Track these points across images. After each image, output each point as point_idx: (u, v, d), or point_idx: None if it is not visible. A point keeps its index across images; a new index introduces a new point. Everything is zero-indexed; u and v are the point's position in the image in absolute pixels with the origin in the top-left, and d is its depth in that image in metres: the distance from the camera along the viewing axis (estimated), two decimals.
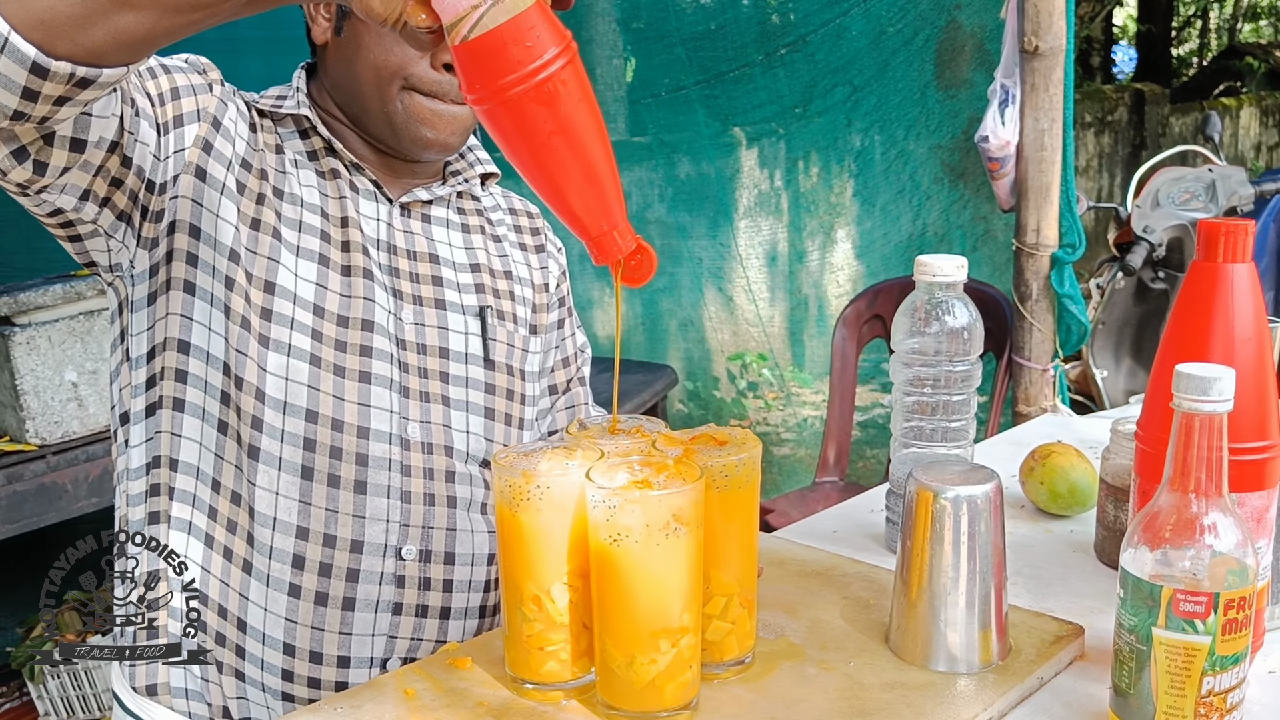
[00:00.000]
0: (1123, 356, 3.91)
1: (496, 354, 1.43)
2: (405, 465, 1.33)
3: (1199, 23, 15.61)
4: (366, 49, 1.31)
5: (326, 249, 1.33)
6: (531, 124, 0.89)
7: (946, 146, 3.48)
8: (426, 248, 1.42)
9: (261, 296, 1.27)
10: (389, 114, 1.33)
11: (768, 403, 4.52)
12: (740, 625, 1.10)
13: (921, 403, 1.37)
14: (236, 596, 1.29)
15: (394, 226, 1.40)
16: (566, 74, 0.88)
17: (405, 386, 1.34)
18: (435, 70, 1.31)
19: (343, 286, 1.33)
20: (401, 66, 1.30)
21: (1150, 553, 0.96)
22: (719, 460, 1.05)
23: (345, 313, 1.32)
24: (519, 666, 1.09)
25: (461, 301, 1.42)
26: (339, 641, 1.30)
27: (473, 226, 1.49)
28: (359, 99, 1.35)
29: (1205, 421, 0.93)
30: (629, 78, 4.51)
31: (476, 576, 1.38)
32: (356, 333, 1.32)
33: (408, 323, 1.36)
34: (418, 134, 1.34)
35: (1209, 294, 1.08)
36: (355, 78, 1.34)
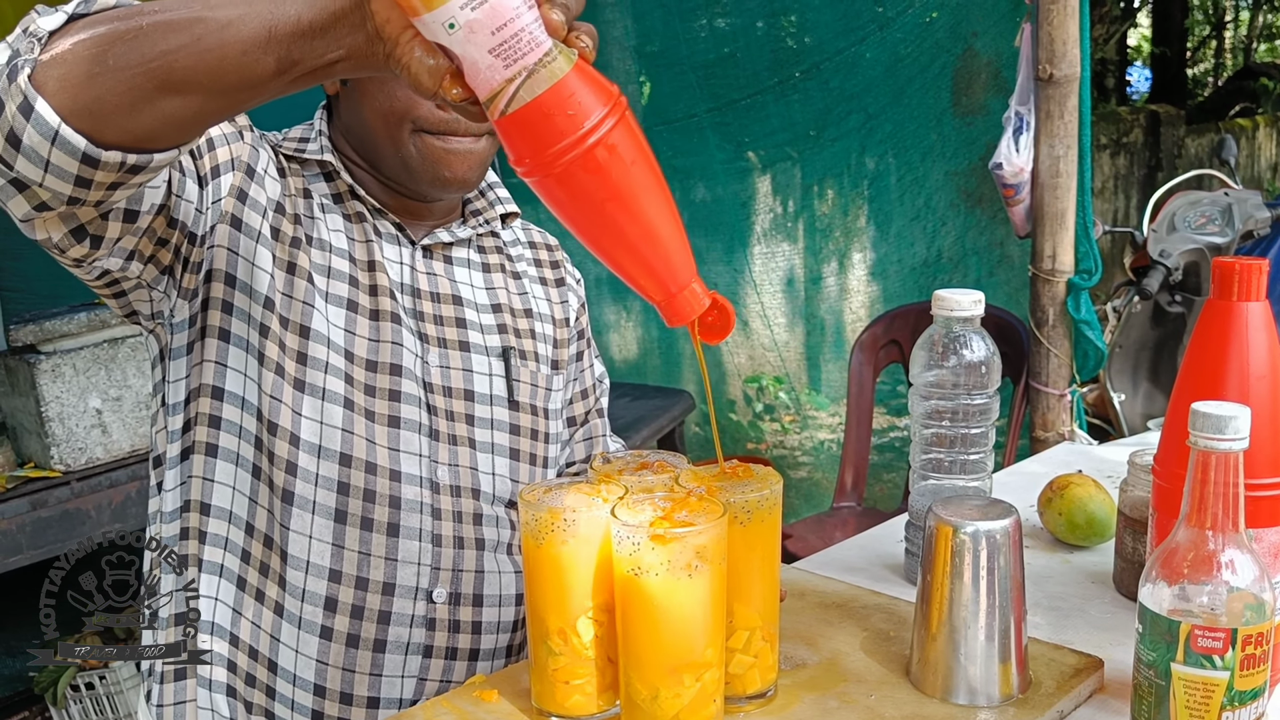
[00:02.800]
0: (1140, 380, 3.91)
1: (520, 394, 1.44)
2: (436, 508, 1.34)
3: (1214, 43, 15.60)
4: (372, 96, 1.32)
5: (355, 294, 1.34)
6: (584, 193, 0.86)
7: (963, 172, 3.49)
8: (449, 289, 1.43)
9: (297, 341, 1.29)
10: (403, 158, 1.34)
11: (784, 426, 4.53)
12: (762, 658, 1.11)
13: (940, 435, 1.38)
14: (268, 638, 1.30)
15: (417, 269, 1.41)
16: (616, 135, 0.84)
17: (434, 429, 1.36)
18: (441, 107, 1.31)
19: (371, 331, 1.34)
20: (407, 110, 1.31)
21: (1168, 588, 0.97)
22: (741, 497, 1.07)
23: (375, 357, 1.33)
24: (545, 700, 1.11)
25: (485, 343, 1.43)
26: (369, 683, 1.31)
27: (493, 266, 1.50)
28: (372, 145, 1.36)
29: (1221, 459, 0.94)
30: (643, 103, 4.54)
31: (504, 618, 1.40)
32: (386, 377, 1.33)
33: (434, 365, 1.38)
34: (434, 174, 1.35)
35: (1224, 332, 1.10)
36: (365, 125, 1.35)
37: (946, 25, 3.40)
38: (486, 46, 0.81)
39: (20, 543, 2.59)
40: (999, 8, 3.13)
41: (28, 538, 2.60)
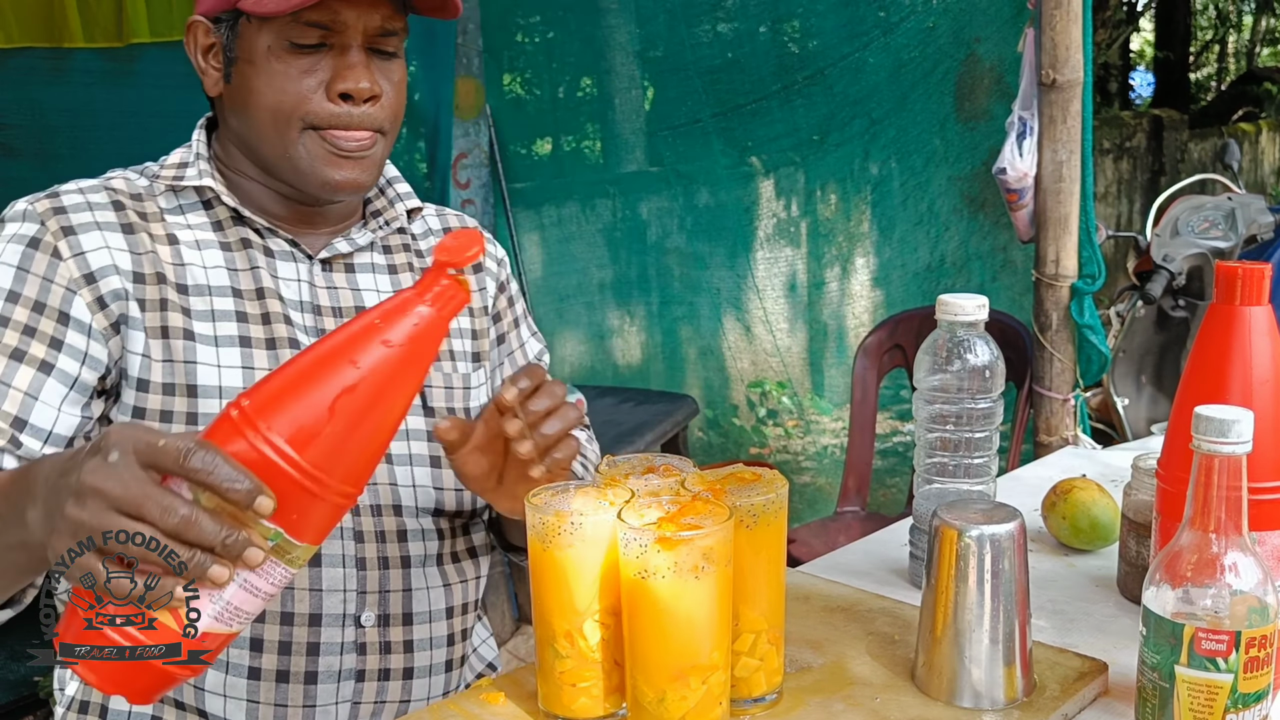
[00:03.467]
0: (1144, 385, 3.91)
1: (434, 400, 1.38)
2: (357, 531, 1.30)
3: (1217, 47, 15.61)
4: (259, 93, 1.25)
5: (246, 328, 1.27)
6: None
7: (966, 178, 3.50)
8: (352, 302, 1.35)
9: (186, 404, 1.23)
10: (293, 158, 1.26)
11: (787, 431, 4.53)
12: (768, 661, 1.12)
13: (944, 439, 1.39)
14: (191, 690, 1.26)
15: (316, 285, 1.34)
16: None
17: None
18: (333, 101, 1.24)
19: (269, 361, 1.27)
20: (298, 104, 1.24)
21: (1172, 591, 0.97)
22: (747, 500, 1.07)
23: None
24: (551, 702, 1.11)
25: None
26: (303, 714, 1.28)
27: (400, 266, 1.42)
28: (260, 146, 1.28)
29: (1224, 463, 0.95)
30: (647, 108, 4.55)
31: (437, 633, 1.36)
32: None
33: None
34: (326, 177, 1.27)
35: (1227, 336, 1.10)
36: (253, 124, 1.27)
37: (949, 31, 3.41)
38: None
39: None
40: (1002, 13, 3.14)
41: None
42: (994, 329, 1.41)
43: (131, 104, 3.60)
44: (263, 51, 1.23)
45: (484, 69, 4.36)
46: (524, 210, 4.54)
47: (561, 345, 4.67)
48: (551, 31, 4.63)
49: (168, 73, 3.54)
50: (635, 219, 4.51)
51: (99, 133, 3.59)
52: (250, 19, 1.23)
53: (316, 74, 1.24)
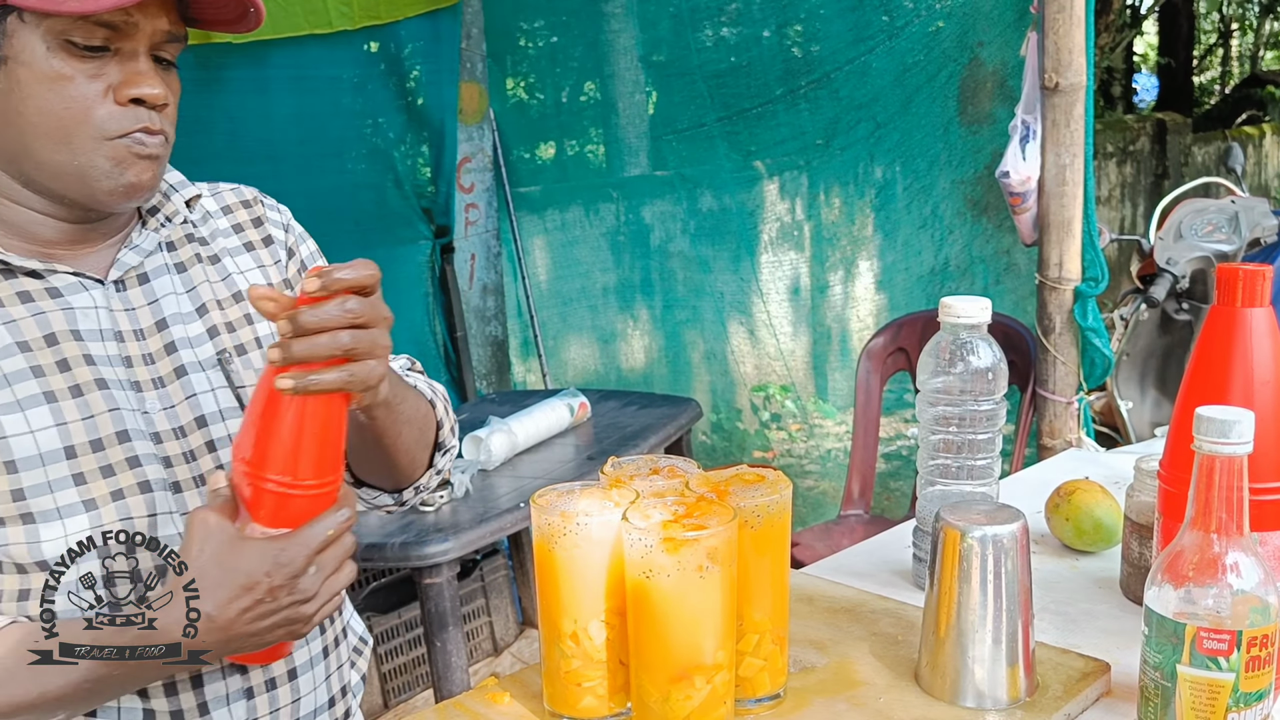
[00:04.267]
0: (1147, 388, 3.91)
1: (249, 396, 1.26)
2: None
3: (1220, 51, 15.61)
4: (39, 98, 1.12)
5: (46, 383, 1.16)
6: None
7: (969, 181, 3.51)
8: (152, 317, 1.25)
9: (8, 480, 1.13)
10: (81, 169, 1.15)
11: (791, 434, 4.54)
12: (772, 661, 1.13)
13: (947, 441, 1.40)
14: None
15: (114, 310, 1.23)
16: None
17: (176, 482, 1.21)
18: (123, 106, 1.15)
19: (80, 409, 1.17)
20: (86, 115, 1.13)
21: (1174, 591, 0.98)
22: (752, 501, 1.08)
23: (96, 434, 1.17)
24: (557, 701, 1.12)
25: (199, 358, 1.27)
26: None
27: (188, 262, 1.31)
28: (35, 156, 1.15)
29: (1225, 463, 0.96)
30: (650, 112, 4.56)
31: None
32: (117, 449, 1.18)
33: (155, 413, 1.22)
34: (121, 181, 1.16)
35: (1228, 338, 1.11)
36: (27, 133, 1.14)
37: (953, 35, 3.42)
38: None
39: None
40: (1005, 17, 3.15)
41: None
42: (997, 332, 1.42)
43: None
44: (40, 53, 1.11)
45: (488, 74, 4.37)
46: (528, 214, 4.55)
47: (565, 349, 4.68)
48: (555, 36, 4.64)
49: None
50: (639, 223, 4.52)
51: None
52: (23, 16, 1.11)
53: (102, 79, 1.14)
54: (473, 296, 4.33)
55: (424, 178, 4.14)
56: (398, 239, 3.91)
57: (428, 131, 4.03)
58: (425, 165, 4.13)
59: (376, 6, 3.57)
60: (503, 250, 4.49)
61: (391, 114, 3.94)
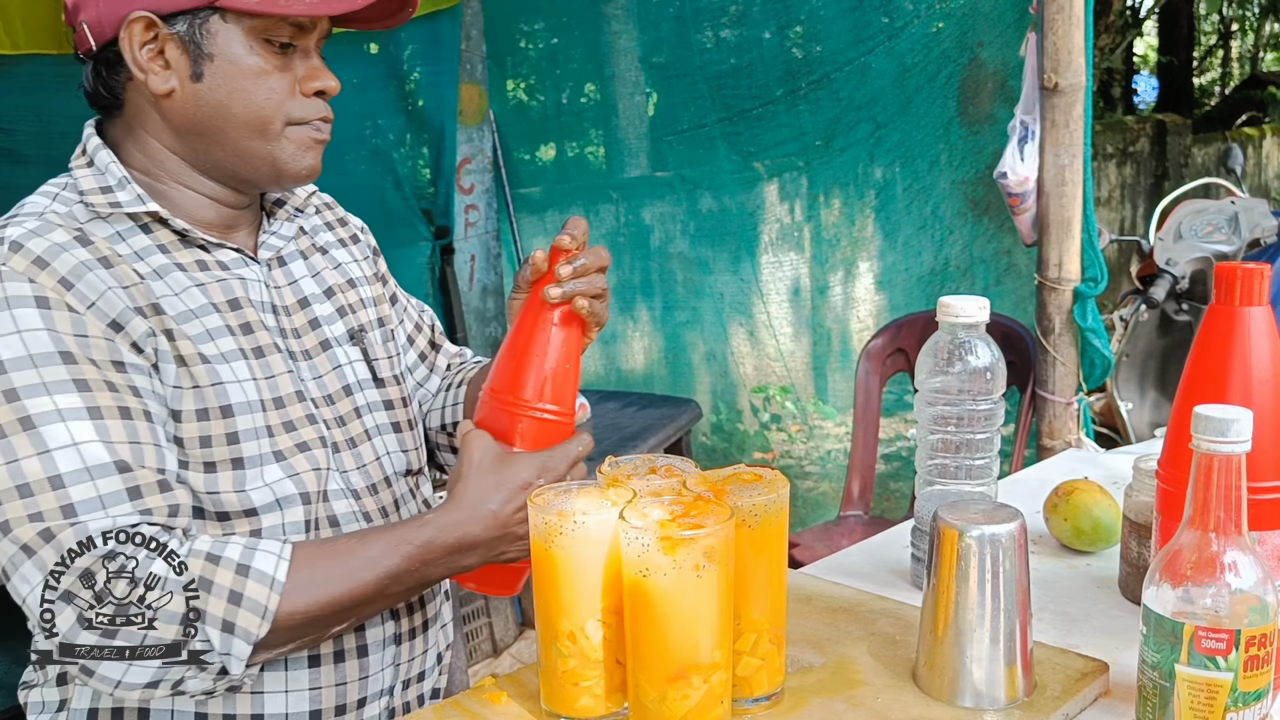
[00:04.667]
0: (1147, 389, 3.91)
1: (382, 370, 1.44)
2: (364, 513, 1.36)
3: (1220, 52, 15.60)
4: (244, 91, 1.24)
5: (237, 340, 1.27)
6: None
7: (970, 181, 3.51)
8: (294, 295, 1.38)
9: (223, 424, 1.23)
10: (272, 153, 1.27)
11: (791, 435, 4.54)
12: (770, 661, 1.12)
13: (945, 441, 1.39)
14: (247, 698, 1.27)
15: (269, 286, 1.35)
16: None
17: (334, 443, 1.34)
18: (308, 98, 1.29)
19: (263, 369, 1.28)
20: (282, 104, 1.26)
21: (1172, 590, 0.98)
22: (749, 500, 1.08)
23: (277, 393, 1.29)
24: (553, 701, 1.12)
25: (335, 334, 1.40)
26: (358, 687, 1.33)
27: (308, 251, 1.45)
28: (232, 141, 1.26)
29: (1224, 462, 0.95)
30: (650, 113, 4.56)
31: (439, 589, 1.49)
32: (295, 407, 1.30)
33: (309, 380, 1.34)
34: (301, 166, 1.30)
35: (1226, 337, 1.11)
36: (228, 121, 1.25)
37: (953, 35, 3.42)
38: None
39: None
40: (1005, 17, 3.15)
41: None
42: (996, 332, 1.42)
43: None
44: (242, 50, 1.23)
45: (488, 75, 4.37)
46: (528, 215, 4.54)
47: None
48: (555, 38, 4.64)
49: None
50: (639, 224, 4.52)
51: None
52: (225, 16, 1.22)
53: (290, 73, 1.27)
54: (473, 298, 4.33)
55: (424, 179, 4.14)
56: (397, 240, 3.91)
57: (428, 133, 4.03)
58: (425, 166, 4.13)
59: None
60: (503, 251, 4.49)
61: (391, 115, 3.94)
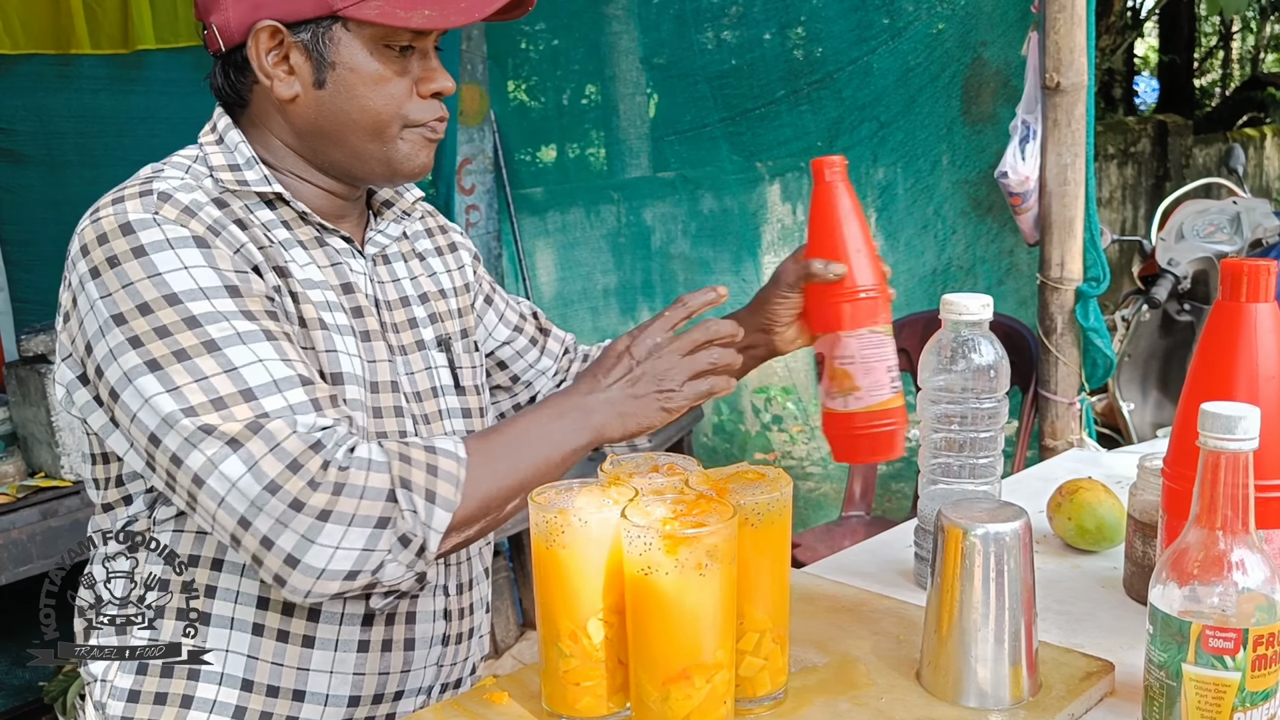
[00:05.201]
0: (1149, 389, 3.91)
1: (465, 379, 1.46)
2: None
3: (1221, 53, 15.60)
4: (364, 97, 1.27)
5: (347, 320, 1.32)
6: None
7: (973, 181, 3.50)
8: (396, 293, 1.41)
9: (331, 388, 1.25)
10: (388, 154, 1.31)
11: (792, 436, 4.54)
12: (773, 661, 1.12)
13: (949, 439, 1.39)
14: (293, 672, 1.28)
15: (374, 279, 1.39)
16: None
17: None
18: (425, 99, 1.31)
19: (366, 352, 1.32)
20: (400, 107, 1.29)
21: (1179, 589, 0.97)
22: (752, 499, 1.07)
23: (376, 378, 1.33)
24: (555, 701, 1.11)
25: (428, 337, 1.43)
26: (399, 679, 1.34)
27: (408, 255, 1.48)
28: (350, 144, 1.30)
29: (1231, 460, 0.94)
30: (652, 114, 4.56)
31: (482, 594, 1.48)
32: (388, 395, 1.33)
33: (403, 374, 1.37)
34: (414, 165, 1.33)
35: (1233, 334, 1.10)
36: (347, 126, 1.29)
37: (956, 35, 3.41)
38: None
39: (30, 552, 2.60)
40: (1007, 17, 3.15)
41: (38, 547, 2.60)
42: (999, 332, 1.41)
43: (138, 110, 3.61)
44: (363, 57, 1.26)
45: (489, 76, 4.36)
46: (529, 216, 4.54)
47: None
48: (556, 39, 4.64)
49: (174, 79, 3.55)
50: (640, 225, 4.52)
51: (106, 139, 3.60)
52: (348, 25, 1.24)
53: (408, 75, 1.29)
54: None
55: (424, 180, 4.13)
56: None
57: None
58: None
59: None
60: (504, 252, 4.49)
61: None
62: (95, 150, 3.59)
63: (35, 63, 3.52)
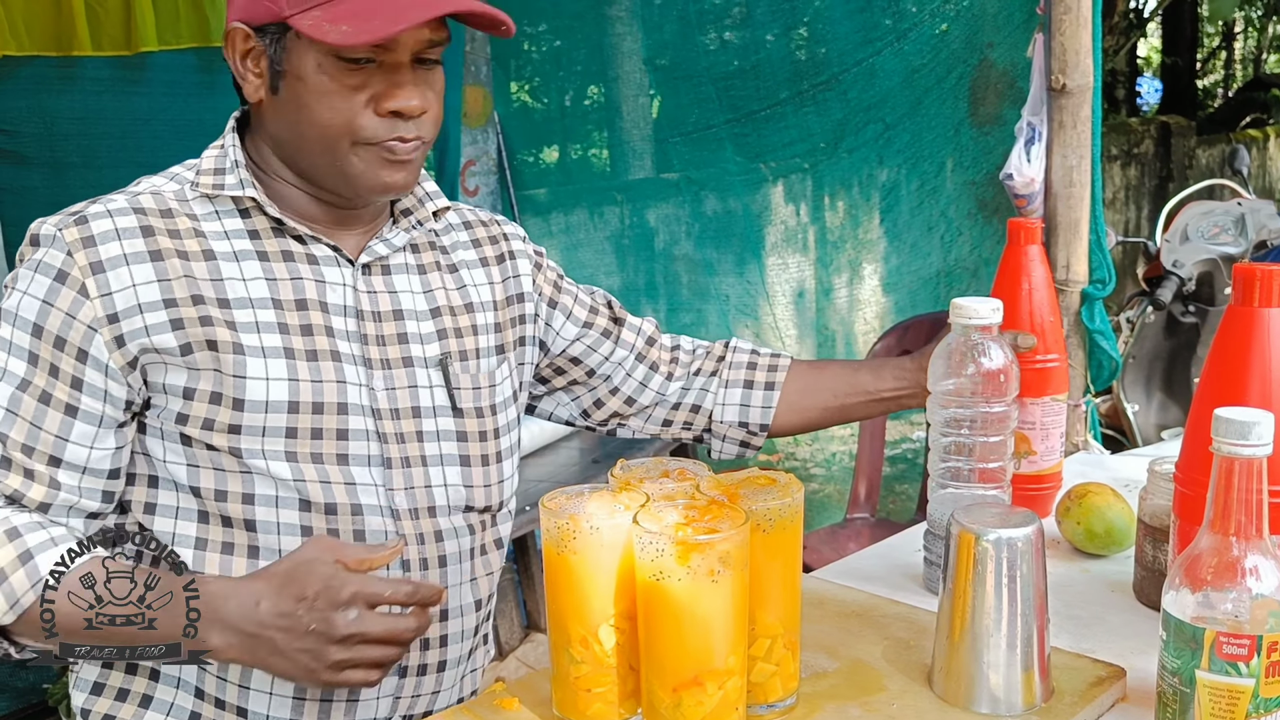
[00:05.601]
0: (1153, 390, 3.90)
1: (463, 401, 1.40)
2: (399, 535, 1.33)
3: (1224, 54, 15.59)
4: (310, 109, 1.24)
5: (289, 340, 1.28)
6: None
7: (980, 182, 3.49)
8: (390, 305, 1.37)
9: (230, 415, 1.25)
10: (342, 168, 1.27)
11: (795, 438, 4.53)
12: (784, 667, 1.11)
13: (958, 444, 1.38)
14: (235, 688, 1.29)
15: (359, 290, 1.35)
16: None
17: (387, 458, 1.33)
18: (383, 117, 1.25)
19: (311, 373, 1.29)
20: (348, 124, 1.24)
21: (1192, 595, 0.97)
22: (764, 504, 1.07)
23: (319, 399, 1.29)
24: (566, 707, 1.11)
25: (425, 355, 1.38)
26: (346, 709, 1.31)
27: (429, 266, 1.43)
28: (306, 156, 1.29)
29: (1245, 465, 0.94)
30: (655, 115, 4.55)
31: (467, 626, 1.41)
32: (333, 417, 1.29)
33: (380, 390, 1.33)
34: (377, 180, 1.29)
35: (1245, 338, 1.10)
36: (300, 137, 1.28)
37: (962, 36, 3.40)
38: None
39: None
40: (1013, 18, 3.14)
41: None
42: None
43: (141, 112, 3.61)
44: (313, 67, 1.23)
45: (492, 77, 4.36)
46: (532, 217, 4.54)
47: None
48: (559, 40, 4.64)
49: (177, 80, 3.55)
50: (644, 226, 4.51)
51: (109, 141, 3.59)
52: (299, 33, 1.22)
53: (367, 90, 1.24)
54: None
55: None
56: None
57: None
58: (429, 168, 4.11)
59: None
60: None
61: None
62: (98, 152, 3.58)
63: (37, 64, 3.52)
